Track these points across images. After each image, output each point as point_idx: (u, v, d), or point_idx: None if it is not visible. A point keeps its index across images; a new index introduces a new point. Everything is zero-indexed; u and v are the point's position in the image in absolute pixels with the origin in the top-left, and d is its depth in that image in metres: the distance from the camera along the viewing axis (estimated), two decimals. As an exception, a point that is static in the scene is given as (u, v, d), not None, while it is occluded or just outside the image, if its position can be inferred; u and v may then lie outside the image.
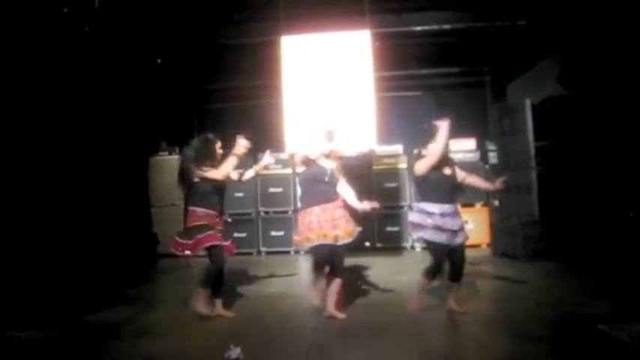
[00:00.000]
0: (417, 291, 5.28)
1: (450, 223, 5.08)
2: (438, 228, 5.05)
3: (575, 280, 6.59)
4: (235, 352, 4.05)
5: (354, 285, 6.96)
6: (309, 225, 5.27)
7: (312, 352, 4.32)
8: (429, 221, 5.09)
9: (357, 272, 7.73)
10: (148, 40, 9.19)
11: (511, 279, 7.03)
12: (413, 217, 5.29)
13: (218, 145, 5.61)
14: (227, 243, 5.48)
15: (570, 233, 7.97)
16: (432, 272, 5.16)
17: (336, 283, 5.28)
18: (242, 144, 5.53)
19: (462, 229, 5.18)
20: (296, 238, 5.49)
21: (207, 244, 5.28)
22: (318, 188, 5.38)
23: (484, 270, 7.69)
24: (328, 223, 5.21)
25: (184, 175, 5.49)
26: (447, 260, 5.18)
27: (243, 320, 5.32)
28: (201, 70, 10.97)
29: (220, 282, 5.41)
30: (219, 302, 5.49)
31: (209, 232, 5.29)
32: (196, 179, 5.41)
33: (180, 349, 4.49)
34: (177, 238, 5.40)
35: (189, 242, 5.31)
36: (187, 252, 5.33)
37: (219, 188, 5.52)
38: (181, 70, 10.71)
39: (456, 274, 5.24)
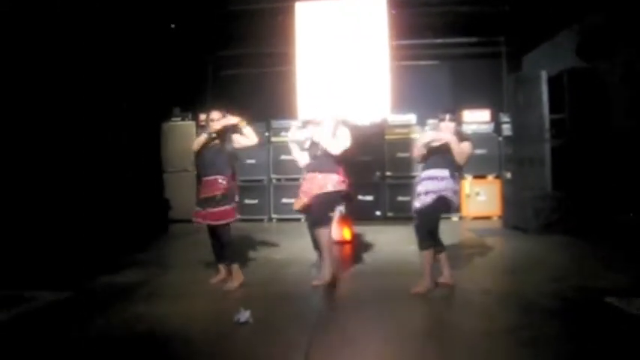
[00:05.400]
0: (426, 270, 4.96)
1: (427, 186, 4.96)
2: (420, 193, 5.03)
3: (585, 254, 6.59)
4: (245, 315, 4.10)
5: (364, 253, 7.01)
6: (304, 190, 5.41)
7: (320, 317, 4.37)
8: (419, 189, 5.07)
9: (367, 241, 7.78)
10: (161, 5, 9.12)
11: (521, 251, 7.05)
12: None
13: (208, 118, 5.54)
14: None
15: (582, 207, 7.94)
16: (423, 241, 4.98)
17: (317, 234, 5.30)
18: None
19: (434, 191, 4.90)
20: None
21: None
22: (317, 155, 5.40)
23: (494, 242, 7.70)
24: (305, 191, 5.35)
25: None
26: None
27: (253, 285, 5.37)
28: (214, 37, 10.90)
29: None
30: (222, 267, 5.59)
31: None
32: None
33: (190, 312, 4.56)
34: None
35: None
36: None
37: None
38: (195, 36, 10.64)
39: None
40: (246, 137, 5.51)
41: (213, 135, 5.43)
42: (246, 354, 3.61)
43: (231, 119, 5.44)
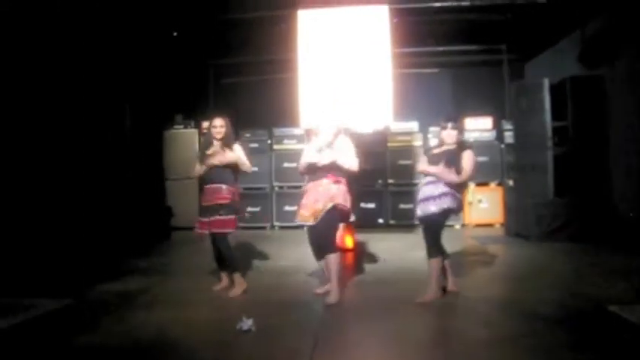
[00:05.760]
0: (433, 278, 4.94)
1: (425, 191, 4.97)
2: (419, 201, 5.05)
3: (587, 261, 6.57)
4: (247, 323, 4.11)
5: (366, 261, 7.00)
6: (303, 202, 5.24)
7: (322, 325, 4.36)
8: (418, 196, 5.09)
9: (369, 249, 7.77)
10: (164, 12, 9.16)
11: (523, 259, 7.04)
12: None
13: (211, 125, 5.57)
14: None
15: (584, 214, 7.94)
16: (431, 249, 4.94)
17: (328, 260, 5.09)
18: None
19: (433, 197, 4.88)
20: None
21: None
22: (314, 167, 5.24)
23: (496, 249, 7.69)
24: (313, 200, 5.12)
25: None
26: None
27: (255, 293, 5.37)
28: (217, 44, 10.94)
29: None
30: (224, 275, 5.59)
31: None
32: None
33: (193, 320, 4.56)
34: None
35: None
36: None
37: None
38: (197, 44, 10.68)
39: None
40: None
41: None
42: (248, 362, 3.61)
43: (230, 157, 5.42)
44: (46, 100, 6.86)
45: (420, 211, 5.02)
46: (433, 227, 4.98)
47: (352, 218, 5.41)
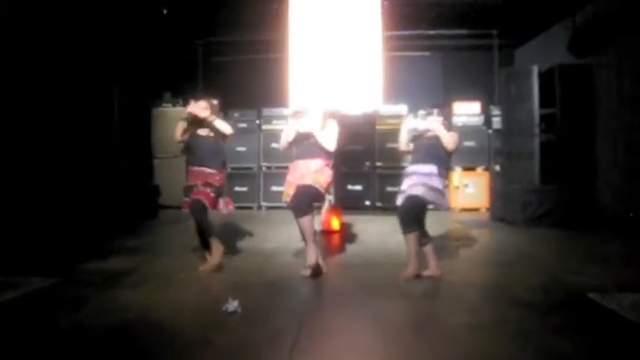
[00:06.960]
0: (412, 253, 5.10)
1: (414, 180, 5.06)
2: (405, 189, 5.12)
3: (570, 248, 6.67)
4: (233, 304, 4.13)
5: (352, 243, 7.05)
6: (289, 180, 5.36)
7: (308, 307, 4.40)
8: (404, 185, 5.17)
9: (356, 231, 7.82)
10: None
11: (507, 244, 7.12)
12: None
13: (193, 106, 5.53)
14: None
15: (569, 201, 8.03)
16: (405, 225, 5.09)
17: (300, 223, 5.22)
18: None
19: (423, 184, 5.00)
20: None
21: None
22: (302, 143, 5.37)
23: (481, 234, 7.77)
24: (300, 176, 5.25)
25: None
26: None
27: (241, 274, 5.40)
28: (207, 22, 10.85)
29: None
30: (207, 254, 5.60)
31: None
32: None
33: (179, 300, 4.57)
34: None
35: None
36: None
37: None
38: (187, 22, 10.59)
39: None
40: (219, 129, 5.49)
41: (189, 120, 5.46)
42: (234, 343, 3.63)
43: (202, 112, 5.41)
44: (32, 77, 6.79)
45: (402, 193, 5.11)
46: (411, 207, 5.05)
47: (327, 201, 5.44)
